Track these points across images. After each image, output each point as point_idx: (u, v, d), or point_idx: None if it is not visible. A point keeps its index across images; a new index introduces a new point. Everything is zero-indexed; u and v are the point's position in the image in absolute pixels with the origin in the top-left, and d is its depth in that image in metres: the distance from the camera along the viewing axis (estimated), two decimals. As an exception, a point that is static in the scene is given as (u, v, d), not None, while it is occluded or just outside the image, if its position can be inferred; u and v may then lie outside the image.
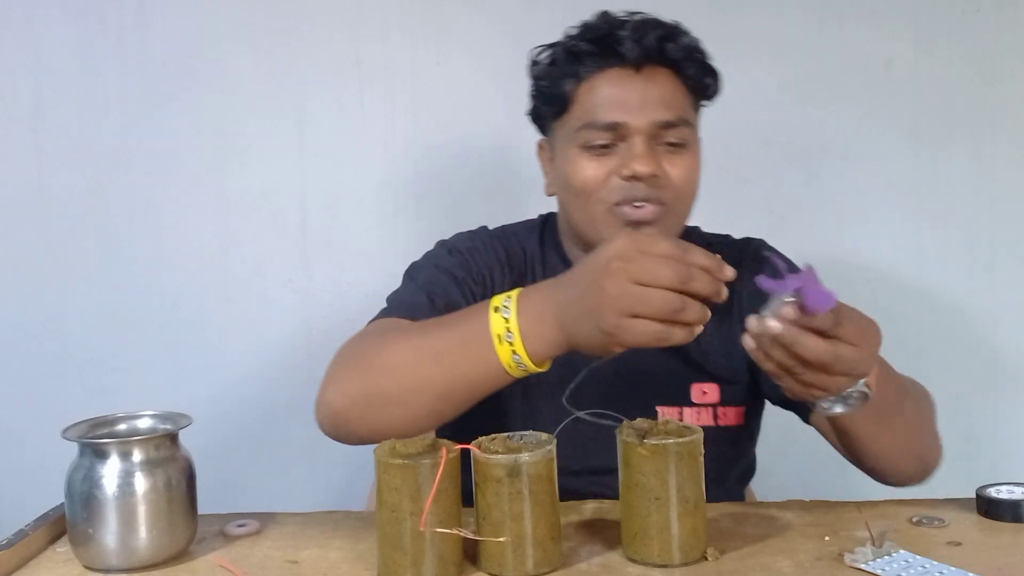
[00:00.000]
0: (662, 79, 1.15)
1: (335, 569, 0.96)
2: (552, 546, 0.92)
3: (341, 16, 1.74)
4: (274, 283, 1.77)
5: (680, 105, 1.16)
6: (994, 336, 1.76)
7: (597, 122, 1.14)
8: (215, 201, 1.77)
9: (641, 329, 0.84)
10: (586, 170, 1.15)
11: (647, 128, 1.13)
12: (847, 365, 0.86)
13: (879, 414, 0.99)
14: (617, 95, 1.14)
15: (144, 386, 1.77)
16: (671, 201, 1.14)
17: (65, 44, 1.75)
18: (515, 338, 0.90)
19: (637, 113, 1.13)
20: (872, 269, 1.73)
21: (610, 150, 1.14)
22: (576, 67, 1.17)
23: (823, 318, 0.83)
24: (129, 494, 0.96)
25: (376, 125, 1.76)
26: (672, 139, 1.14)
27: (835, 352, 0.85)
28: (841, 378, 0.88)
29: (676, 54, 1.16)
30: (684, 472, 0.92)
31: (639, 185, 1.12)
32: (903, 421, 1.06)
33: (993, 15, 1.72)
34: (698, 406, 1.20)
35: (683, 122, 1.15)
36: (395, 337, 1.03)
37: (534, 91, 1.22)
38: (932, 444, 1.13)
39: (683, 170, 1.15)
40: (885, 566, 0.89)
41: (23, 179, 1.76)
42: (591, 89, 1.16)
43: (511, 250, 1.26)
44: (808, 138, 1.74)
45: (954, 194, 1.74)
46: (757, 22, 1.72)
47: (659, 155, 1.14)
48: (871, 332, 0.89)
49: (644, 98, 1.14)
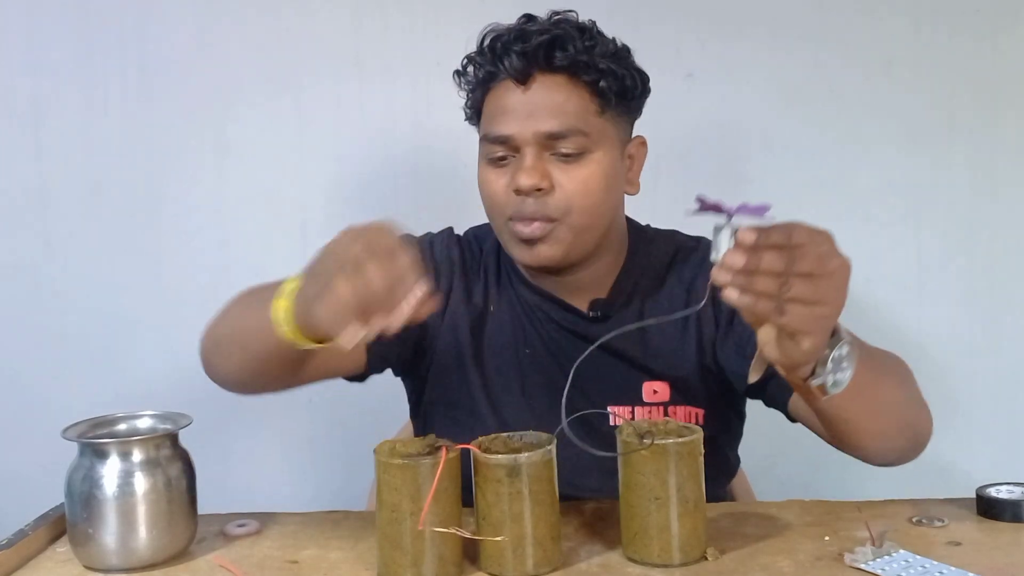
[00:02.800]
0: (553, 87, 1.12)
1: (335, 569, 0.96)
2: (552, 546, 0.92)
3: (341, 16, 1.74)
4: (274, 283, 1.77)
5: (573, 113, 1.12)
6: (994, 336, 1.75)
7: (490, 134, 1.15)
8: (215, 201, 1.77)
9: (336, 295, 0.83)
10: (489, 183, 1.16)
11: (533, 139, 1.11)
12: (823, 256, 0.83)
13: (861, 391, 0.95)
14: (507, 107, 1.13)
15: (144, 386, 1.76)
16: (561, 216, 1.12)
17: (65, 44, 1.75)
18: (288, 287, 0.93)
19: (523, 124, 1.12)
20: (872, 269, 1.73)
21: (507, 162, 1.14)
22: (480, 78, 1.18)
23: (776, 233, 0.81)
24: (129, 494, 0.96)
25: (376, 125, 1.76)
26: (565, 149, 1.12)
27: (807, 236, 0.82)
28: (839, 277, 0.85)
29: (564, 61, 1.12)
30: (684, 472, 0.92)
31: (528, 200, 1.12)
32: (887, 393, 1.02)
33: (993, 15, 1.72)
34: (649, 405, 1.19)
35: (575, 131, 1.11)
36: (243, 294, 1.10)
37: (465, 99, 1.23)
38: (921, 412, 1.08)
39: (576, 182, 1.12)
40: (885, 566, 0.89)
41: (23, 179, 1.76)
42: (490, 100, 1.16)
43: (467, 252, 1.28)
44: (808, 138, 1.74)
45: (954, 194, 1.74)
46: (757, 23, 1.72)
47: (550, 166, 1.12)
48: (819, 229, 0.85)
49: (530, 110, 1.12)
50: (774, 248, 0.81)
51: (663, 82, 1.69)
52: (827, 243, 0.85)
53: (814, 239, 0.83)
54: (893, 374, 1.06)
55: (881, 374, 1.02)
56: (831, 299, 0.85)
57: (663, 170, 1.72)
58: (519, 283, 1.25)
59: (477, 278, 1.26)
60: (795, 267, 0.81)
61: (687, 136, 1.71)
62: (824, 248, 0.84)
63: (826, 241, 0.85)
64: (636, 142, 1.22)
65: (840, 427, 1.02)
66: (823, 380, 0.90)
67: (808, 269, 0.82)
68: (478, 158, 1.20)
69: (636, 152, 1.22)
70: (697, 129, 1.72)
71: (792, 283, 0.82)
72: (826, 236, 0.85)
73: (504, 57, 1.13)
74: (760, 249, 0.81)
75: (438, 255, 1.27)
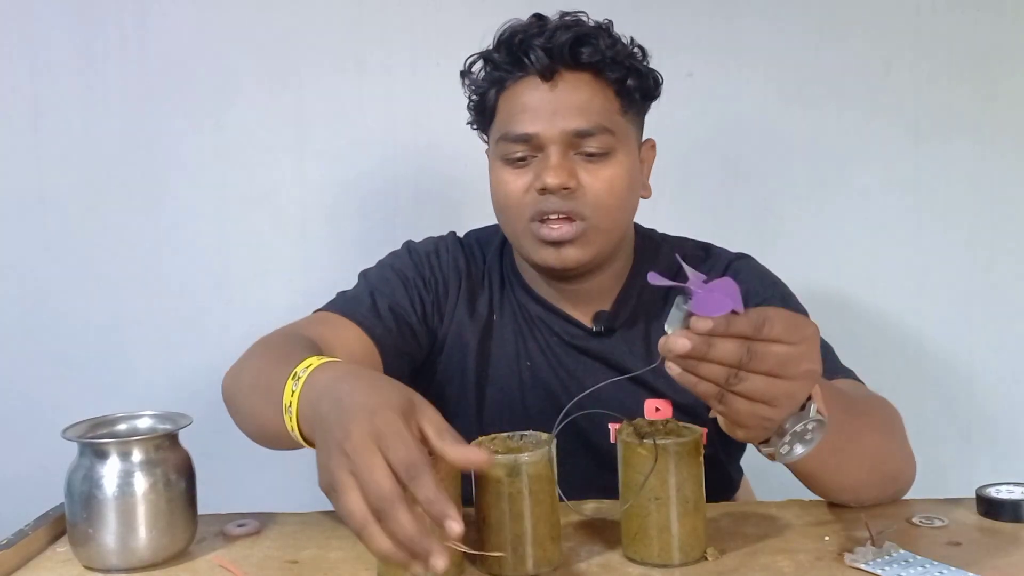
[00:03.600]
0: (578, 85, 1.11)
1: (335, 569, 0.96)
2: (552, 546, 0.92)
3: (341, 16, 1.74)
4: (274, 283, 1.77)
5: (598, 111, 1.11)
6: (994, 336, 1.75)
7: (510, 134, 1.12)
8: (215, 201, 1.77)
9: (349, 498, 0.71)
10: (507, 184, 1.13)
11: (559, 138, 1.10)
12: (789, 359, 0.75)
13: (834, 445, 0.89)
14: (529, 105, 1.11)
15: (144, 386, 1.77)
16: (591, 215, 1.10)
17: (65, 44, 1.75)
18: (293, 415, 0.84)
19: (548, 123, 1.10)
20: (872, 269, 1.73)
21: (528, 163, 1.12)
22: (495, 76, 1.14)
23: (743, 323, 0.74)
24: (129, 494, 0.96)
25: (376, 125, 1.76)
26: (591, 148, 1.10)
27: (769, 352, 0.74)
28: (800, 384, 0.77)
29: (591, 58, 1.11)
30: (684, 472, 0.92)
31: (552, 198, 1.09)
32: (864, 445, 0.97)
33: (993, 15, 1.72)
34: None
35: (602, 130, 1.10)
36: (259, 354, 1.04)
37: (468, 101, 1.21)
38: (902, 463, 1.05)
39: (602, 181, 1.10)
40: (885, 566, 0.89)
41: (23, 179, 1.76)
42: (508, 99, 1.14)
43: (471, 259, 1.25)
44: (808, 138, 1.74)
45: (954, 194, 1.74)
46: (758, 23, 1.72)
47: (576, 166, 1.10)
48: (804, 327, 0.77)
49: (556, 107, 1.10)
50: (735, 337, 0.74)
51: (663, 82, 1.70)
52: (805, 343, 0.76)
53: (790, 336, 0.75)
54: (875, 428, 1.01)
55: (858, 420, 0.96)
56: (781, 404, 0.77)
57: (663, 170, 1.72)
58: (520, 290, 1.23)
59: (481, 287, 1.24)
60: (752, 363, 0.74)
61: (687, 136, 1.71)
62: (796, 351, 0.75)
63: (804, 340, 0.76)
64: (647, 145, 1.21)
65: (814, 480, 1.00)
66: (773, 451, 0.84)
67: (766, 369, 0.75)
68: (490, 159, 1.18)
69: (647, 155, 1.21)
70: (697, 129, 1.72)
71: (743, 376, 0.75)
72: (807, 334, 0.76)
73: (529, 52, 1.11)
74: (717, 336, 0.74)
75: (444, 264, 1.24)
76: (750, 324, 0.74)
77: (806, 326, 0.77)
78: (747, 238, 1.65)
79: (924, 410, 1.73)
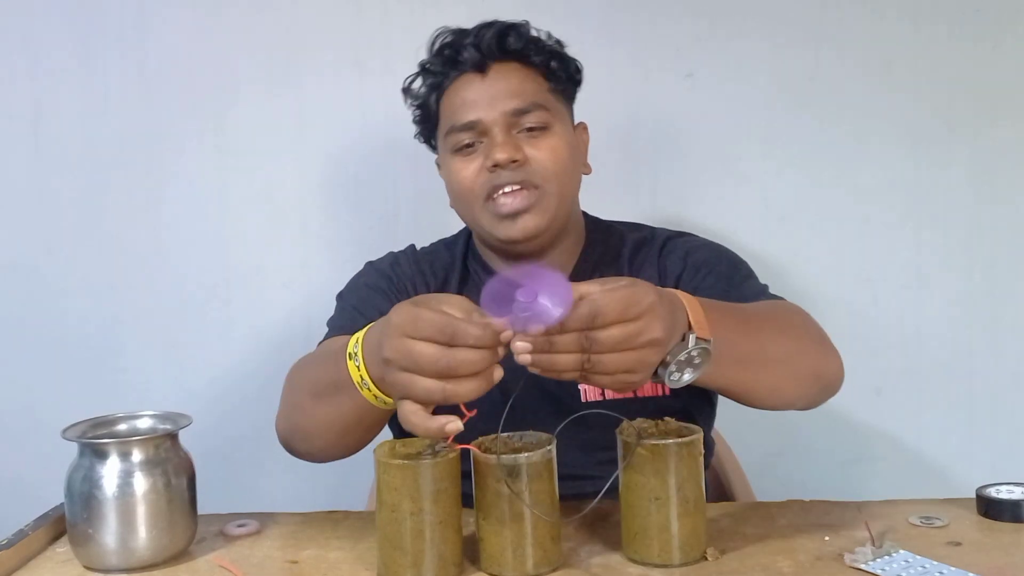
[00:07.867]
0: (509, 72, 1.23)
1: (335, 569, 0.96)
2: (552, 546, 0.92)
3: (341, 16, 1.74)
4: (274, 283, 1.77)
5: (531, 92, 1.22)
6: (994, 336, 1.75)
7: (456, 124, 1.22)
8: (215, 201, 1.76)
9: (409, 383, 0.83)
10: (459, 171, 1.23)
11: (500, 119, 1.20)
12: (627, 336, 0.83)
13: (738, 357, 0.96)
14: (468, 97, 1.22)
15: (144, 386, 1.76)
16: (542, 182, 1.19)
17: (65, 44, 1.75)
18: (370, 384, 0.92)
19: (488, 108, 1.21)
20: (872, 269, 1.73)
21: (475, 148, 1.22)
22: (434, 81, 1.26)
23: (574, 320, 0.82)
24: (129, 494, 0.96)
25: (376, 125, 1.75)
26: (530, 123, 1.21)
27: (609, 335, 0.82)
28: (648, 351, 0.84)
29: (517, 45, 1.23)
30: (684, 472, 0.92)
31: (504, 173, 1.18)
32: (773, 352, 1.02)
33: (993, 15, 1.72)
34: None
35: (536, 106, 1.21)
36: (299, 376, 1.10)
37: (412, 114, 1.31)
38: (819, 359, 1.07)
39: (546, 151, 1.20)
40: (885, 566, 0.89)
41: (23, 179, 1.76)
42: (449, 98, 1.25)
43: (434, 263, 1.33)
44: (808, 138, 1.74)
45: (954, 194, 1.74)
46: (757, 22, 1.72)
47: (520, 141, 1.20)
48: (639, 302, 0.83)
49: (493, 93, 1.21)
50: (572, 331, 0.82)
51: (663, 82, 1.70)
52: (644, 316, 0.83)
53: (626, 315, 0.82)
54: (781, 332, 1.06)
55: (765, 337, 1.02)
56: (637, 369, 0.85)
57: (663, 170, 1.72)
58: (485, 275, 1.28)
59: (448, 281, 1.30)
60: (595, 347, 0.82)
61: (687, 136, 1.71)
62: (636, 326, 0.83)
63: (642, 314, 0.83)
64: (580, 127, 1.31)
65: (736, 395, 1.03)
66: (663, 379, 0.89)
67: (609, 348, 0.82)
68: (440, 157, 1.27)
69: (581, 136, 1.30)
70: (697, 129, 1.72)
71: (594, 359, 0.83)
72: (644, 307, 0.83)
73: (461, 51, 1.23)
74: (553, 334, 0.82)
75: (406, 272, 1.30)
76: (580, 319, 0.82)
77: (641, 300, 0.83)
78: (747, 238, 1.65)
79: (924, 410, 1.73)
